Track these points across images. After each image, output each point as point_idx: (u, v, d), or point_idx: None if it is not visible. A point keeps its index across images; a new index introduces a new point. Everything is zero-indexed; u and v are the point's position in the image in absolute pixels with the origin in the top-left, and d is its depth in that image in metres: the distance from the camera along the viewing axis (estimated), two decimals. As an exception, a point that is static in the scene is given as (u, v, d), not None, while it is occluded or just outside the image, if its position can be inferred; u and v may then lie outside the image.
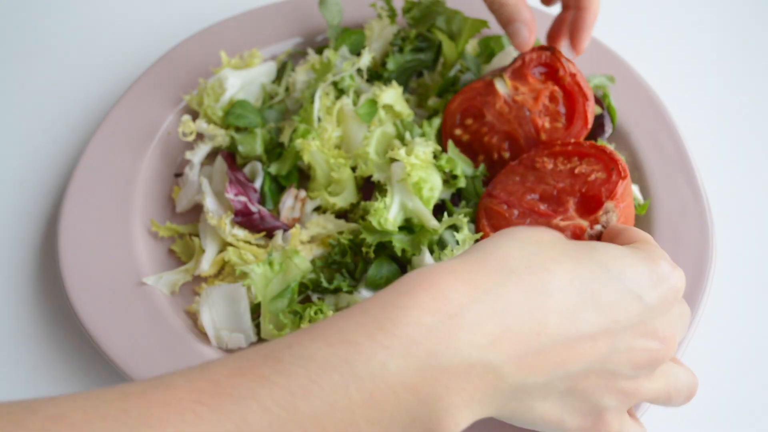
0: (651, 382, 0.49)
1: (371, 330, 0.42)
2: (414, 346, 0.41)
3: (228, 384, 0.39)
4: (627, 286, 0.47)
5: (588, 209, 0.65)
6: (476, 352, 0.42)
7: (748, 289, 0.72)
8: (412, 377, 0.41)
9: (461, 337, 0.42)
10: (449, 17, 0.79)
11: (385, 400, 0.41)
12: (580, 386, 0.47)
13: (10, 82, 0.88)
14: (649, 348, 0.48)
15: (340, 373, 0.40)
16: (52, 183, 0.80)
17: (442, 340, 0.42)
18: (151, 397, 0.39)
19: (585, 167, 0.65)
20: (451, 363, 0.42)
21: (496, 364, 0.43)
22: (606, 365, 0.47)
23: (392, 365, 0.41)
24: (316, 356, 0.41)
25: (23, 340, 0.70)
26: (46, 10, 0.95)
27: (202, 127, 0.77)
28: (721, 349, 0.69)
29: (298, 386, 0.40)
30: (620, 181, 0.63)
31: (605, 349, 0.46)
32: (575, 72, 0.70)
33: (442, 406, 0.42)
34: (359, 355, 0.41)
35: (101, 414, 0.38)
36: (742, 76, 0.88)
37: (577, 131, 0.69)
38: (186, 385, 0.40)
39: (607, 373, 0.47)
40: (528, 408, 0.46)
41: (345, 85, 0.76)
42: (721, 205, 0.76)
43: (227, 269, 0.71)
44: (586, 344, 0.46)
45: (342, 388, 0.40)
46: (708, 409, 0.66)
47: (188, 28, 0.91)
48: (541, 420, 0.47)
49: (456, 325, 0.42)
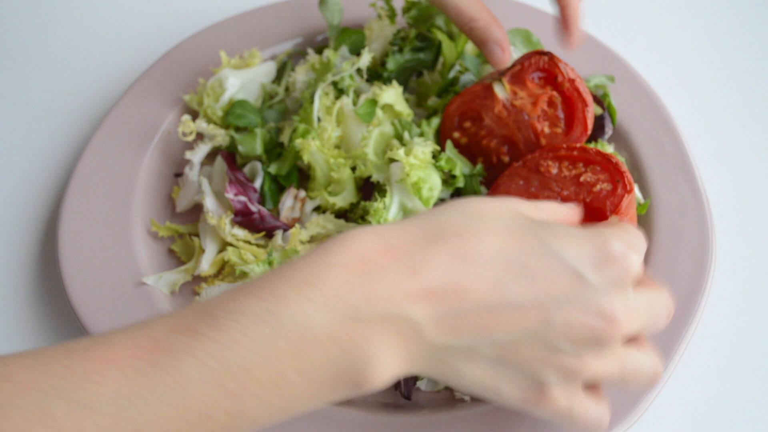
0: (599, 361, 0.48)
1: (298, 285, 0.44)
2: (336, 300, 0.44)
3: (166, 340, 0.42)
4: (567, 263, 0.47)
5: (592, 220, 0.65)
6: (394, 307, 0.44)
7: (748, 289, 0.72)
8: (336, 329, 0.43)
9: (379, 293, 0.44)
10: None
11: (312, 351, 0.43)
12: (512, 356, 0.47)
13: (10, 82, 0.88)
14: (591, 326, 0.47)
15: (269, 325, 0.43)
16: (52, 183, 0.80)
17: (362, 296, 0.44)
18: (94, 354, 0.41)
19: (590, 176, 0.65)
20: (370, 317, 0.44)
21: (415, 321, 0.45)
22: (540, 338, 0.47)
23: (317, 317, 0.43)
24: (247, 310, 0.43)
25: (23, 340, 0.70)
26: (45, 10, 0.95)
27: (201, 127, 0.77)
28: (721, 349, 0.69)
29: (229, 338, 0.42)
30: (626, 195, 0.64)
31: (536, 321, 0.46)
32: (574, 78, 0.70)
33: (365, 359, 0.44)
34: (287, 307, 0.43)
35: (46, 371, 0.41)
36: (742, 76, 0.87)
37: (577, 137, 0.69)
38: (127, 341, 0.42)
39: (543, 347, 0.47)
40: (456, 371, 0.47)
41: (345, 85, 0.76)
42: (721, 205, 0.76)
43: (227, 269, 0.72)
44: (514, 314, 0.46)
45: (270, 339, 0.42)
46: (708, 409, 0.66)
47: (188, 28, 0.91)
48: (474, 385, 0.48)
49: (375, 283, 0.44)
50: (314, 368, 0.44)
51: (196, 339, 0.42)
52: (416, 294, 0.45)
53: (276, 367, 0.43)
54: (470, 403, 0.64)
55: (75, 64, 0.90)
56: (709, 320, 0.69)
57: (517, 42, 0.81)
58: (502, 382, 0.48)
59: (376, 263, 0.45)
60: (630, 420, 0.60)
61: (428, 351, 0.46)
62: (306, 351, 0.43)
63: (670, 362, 0.63)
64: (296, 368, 0.43)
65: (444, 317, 0.45)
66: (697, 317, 0.65)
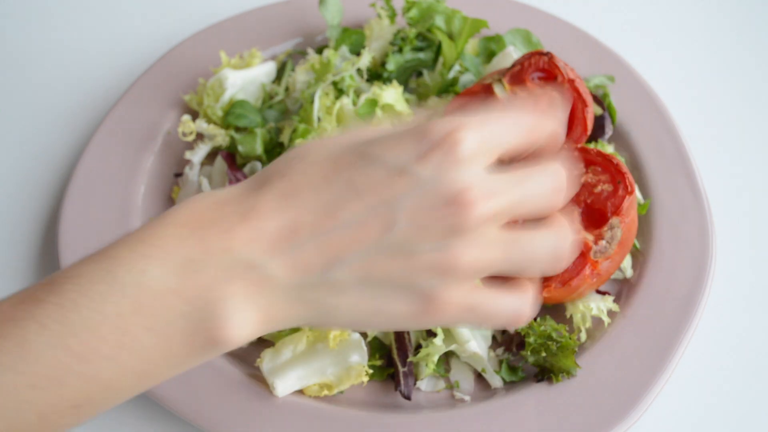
0: (471, 250, 0.45)
1: (133, 244, 0.45)
2: (170, 253, 0.44)
3: (10, 311, 0.43)
4: (388, 165, 0.45)
5: (593, 222, 0.65)
6: (231, 255, 0.44)
7: (748, 289, 0.72)
8: (176, 283, 0.43)
9: (214, 244, 0.44)
10: (449, 17, 0.79)
11: (154, 306, 0.43)
12: (376, 273, 0.45)
13: (10, 82, 0.88)
14: (436, 216, 0.44)
15: (106, 283, 0.43)
16: (52, 183, 0.80)
17: (197, 248, 0.44)
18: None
19: (591, 176, 0.65)
20: (208, 267, 0.44)
21: (257, 264, 0.44)
22: (392, 246, 0.45)
23: (153, 272, 0.43)
24: (85, 273, 0.44)
25: (23, 340, 0.70)
26: (45, 10, 0.95)
27: (202, 127, 0.77)
28: (721, 349, 0.69)
29: (68, 300, 0.43)
30: (627, 196, 0.64)
31: (379, 231, 0.45)
32: (574, 78, 0.70)
33: (214, 310, 0.44)
34: (122, 266, 0.44)
35: None
36: (742, 76, 0.87)
37: (577, 137, 0.69)
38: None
39: (400, 254, 0.45)
40: (329, 308, 0.46)
41: (345, 85, 0.76)
42: (721, 205, 0.76)
43: (227, 269, 0.71)
44: (354, 231, 0.45)
45: (109, 297, 0.43)
46: (708, 409, 0.66)
47: (188, 28, 0.91)
48: (356, 316, 0.47)
49: (208, 234, 0.45)
50: (162, 324, 0.43)
51: (38, 305, 0.43)
52: (251, 239, 0.45)
53: (119, 324, 0.43)
54: (470, 403, 0.64)
55: (75, 64, 0.90)
56: (709, 320, 0.69)
57: (517, 42, 0.81)
58: (381, 302, 0.46)
59: (208, 216, 0.45)
60: (630, 420, 0.60)
61: (287, 295, 0.45)
62: (148, 306, 0.43)
63: (670, 362, 0.63)
64: (143, 325, 0.43)
65: (286, 256, 0.45)
66: (697, 317, 0.65)
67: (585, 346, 0.65)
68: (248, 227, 0.45)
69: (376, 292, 0.46)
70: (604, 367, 0.63)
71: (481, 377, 0.66)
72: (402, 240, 0.45)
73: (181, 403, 0.62)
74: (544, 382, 0.63)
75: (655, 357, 0.63)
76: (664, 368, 0.63)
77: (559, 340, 0.62)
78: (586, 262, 0.63)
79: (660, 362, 0.63)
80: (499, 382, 0.65)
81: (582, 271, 0.63)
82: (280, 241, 0.45)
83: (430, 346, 0.64)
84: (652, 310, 0.66)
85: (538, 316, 0.66)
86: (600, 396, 0.62)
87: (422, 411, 0.63)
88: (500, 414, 0.62)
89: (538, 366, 0.64)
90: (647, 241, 0.70)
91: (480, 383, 0.65)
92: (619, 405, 0.61)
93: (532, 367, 0.65)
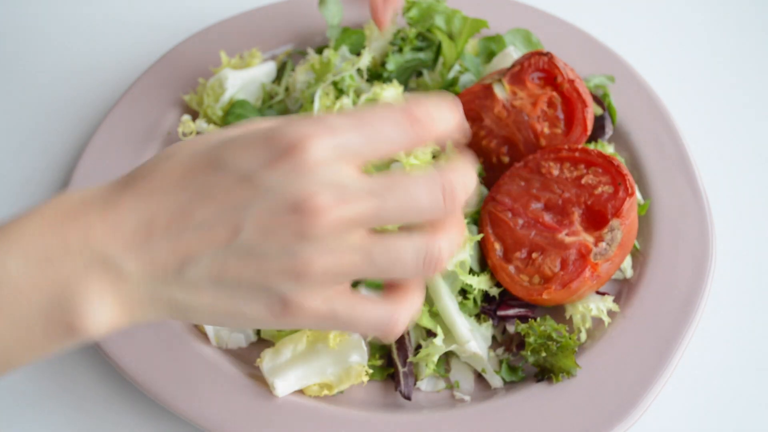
0: (326, 256, 0.45)
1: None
2: (30, 248, 0.45)
3: None
4: (236, 171, 0.46)
5: (593, 223, 0.65)
6: (88, 249, 0.45)
7: (748, 289, 0.72)
8: (34, 276, 0.45)
9: (73, 238, 0.45)
10: (449, 17, 0.79)
11: (15, 299, 0.44)
12: (229, 275, 0.46)
13: (10, 82, 0.88)
14: (283, 222, 0.45)
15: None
16: (52, 183, 0.80)
17: (56, 241, 0.45)
18: None
19: (592, 178, 0.66)
20: (66, 261, 0.45)
21: (114, 259, 0.46)
22: (241, 250, 0.46)
23: (12, 266, 0.44)
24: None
25: (23, 340, 0.70)
26: (46, 10, 0.95)
27: (202, 127, 0.77)
28: (721, 349, 0.69)
29: None
30: (627, 198, 0.64)
31: (227, 235, 0.46)
32: (573, 78, 0.70)
33: (72, 302, 0.45)
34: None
35: None
36: (742, 76, 0.87)
37: (577, 137, 0.69)
38: None
39: (249, 258, 0.46)
40: (185, 306, 0.47)
41: (345, 85, 0.76)
42: (721, 205, 0.76)
43: (227, 269, 0.71)
44: (204, 234, 0.46)
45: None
46: (708, 409, 0.66)
47: (188, 28, 0.91)
48: (216, 316, 0.48)
49: (68, 229, 0.46)
50: (23, 317, 0.45)
51: None
52: (108, 235, 0.46)
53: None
54: (470, 403, 0.64)
55: (75, 64, 0.90)
56: (709, 320, 0.69)
57: (517, 42, 0.81)
58: (238, 303, 0.47)
59: (71, 212, 0.46)
60: (630, 420, 0.60)
61: (142, 290, 0.46)
62: (9, 299, 0.44)
63: (670, 362, 0.63)
64: (5, 317, 0.44)
65: (141, 252, 0.46)
66: (697, 317, 0.65)
67: (585, 346, 0.65)
68: (106, 223, 0.46)
69: (232, 294, 0.47)
70: (604, 367, 0.63)
71: (481, 377, 0.66)
72: (250, 245, 0.46)
73: (181, 403, 0.62)
74: (544, 382, 0.63)
75: (655, 357, 0.63)
76: (664, 368, 0.63)
77: (559, 340, 0.62)
78: (586, 264, 0.63)
79: (660, 362, 0.63)
80: (499, 382, 0.65)
81: (582, 273, 0.63)
82: (135, 238, 0.46)
83: (430, 347, 0.64)
84: (652, 310, 0.66)
85: (538, 316, 0.66)
86: (600, 396, 0.62)
87: (422, 411, 0.63)
88: (500, 414, 0.62)
89: (538, 366, 0.64)
90: (647, 241, 0.70)
91: (480, 383, 0.65)
92: (619, 405, 0.61)
93: (532, 367, 0.65)
